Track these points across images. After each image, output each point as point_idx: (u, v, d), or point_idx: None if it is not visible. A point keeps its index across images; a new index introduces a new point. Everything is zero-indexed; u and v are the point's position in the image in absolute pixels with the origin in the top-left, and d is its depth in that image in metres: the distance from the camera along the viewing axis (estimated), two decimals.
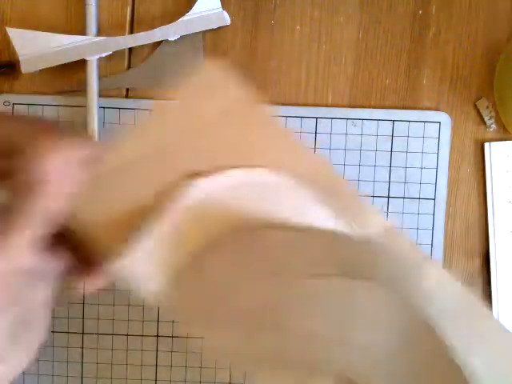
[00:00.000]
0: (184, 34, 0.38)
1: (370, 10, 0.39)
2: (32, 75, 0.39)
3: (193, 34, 0.38)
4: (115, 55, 0.39)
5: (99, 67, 0.38)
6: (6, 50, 0.39)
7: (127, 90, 0.39)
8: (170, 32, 0.38)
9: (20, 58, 0.37)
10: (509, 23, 0.39)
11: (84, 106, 0.38)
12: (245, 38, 0.39)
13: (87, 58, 0.38)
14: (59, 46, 0.37)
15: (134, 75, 0.39)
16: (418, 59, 0.39)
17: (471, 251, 0.40)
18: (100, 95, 0.38)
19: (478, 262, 0.40)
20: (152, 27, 0.38)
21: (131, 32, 0.39)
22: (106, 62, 0.39)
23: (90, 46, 0.37)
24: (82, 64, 0.38)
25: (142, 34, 0.38)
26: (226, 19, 0.38)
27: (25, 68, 0.37)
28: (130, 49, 0.39)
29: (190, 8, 0.37)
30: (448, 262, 0.39)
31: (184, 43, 0.39)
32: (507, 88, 0.38)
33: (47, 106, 0.39)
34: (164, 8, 0.39)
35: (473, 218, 0.40)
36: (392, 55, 0.39)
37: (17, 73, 0.39)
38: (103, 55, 0.38)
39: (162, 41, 0.38)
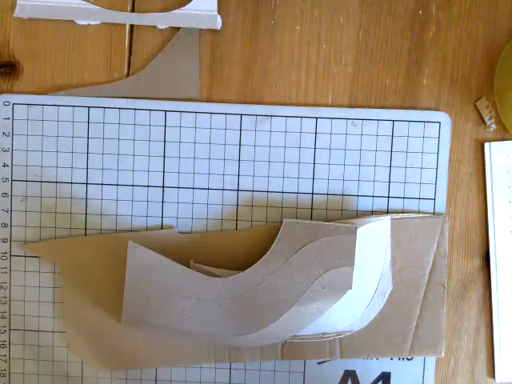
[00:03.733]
0: (174, 25, 0.38)
1: (370, 10, 0.39)
2: (32, 75, 0.39)
3: (191, 40, 0.38)
4: (115, 60, 0.39)
5: (99, 74, 0.39)
6: (6, 49, 0.39)
7: None
8: (160, 19, 0.38)
9: (18, 1, 0.38)
10: (509, 23, 0.39)
11: (84, 106, 0.39)
12: (245, 38, 0.39)
13: (78, 22, 0.38)
14: (58, 2, 0.38)
15: (133, 83, 0.39)
16: (417, 59, 0.39)
17: (471, 251, 0.40)
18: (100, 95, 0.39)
19: (478, 262, 0.40)
20: None
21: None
22: (106, 68, 0.39)
23: (85, 11, 0.38)
24: (82, 64, 0.38)
25: (133, 14, 0.38)
26: (218, 23, 0.38)
27: (19, 13, 0.38)
28: (130, 56, 0.39)
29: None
30: (448, 262, 0.39)
31: (181, 52, 0.39)
32: (507, 88, 0.38)
33: (47, 106, 0.39)
34: (164, 3, 0.39)
35: (473, 217, 0.40)
36: (392, 55, 0.39)
37: (17, 73, 0.39)
38: (92, 23, 0.39)
39: (160, 51, 0.39)
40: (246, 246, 0.39)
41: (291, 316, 0.36)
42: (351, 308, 0.38)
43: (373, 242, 0.38)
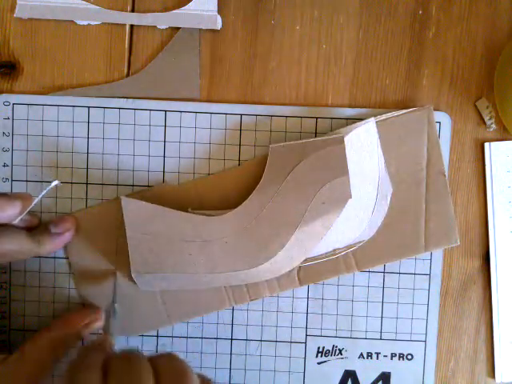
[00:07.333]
0: (174, 25, 0.38)
1: (370, 10, 0.39)
2: (32, 75, 0.39)
3: (191, 40, 0.38)
4: (115, 60, 0.39)
5: (99, 74, 0.39)
6: (6, 49, 0.39)
7: None
8: (160, 19, 0.38)
9: (18, 2, 0.38)
10: (509, 23, 0.39)
11: (84, 106, 0.39)
12: (245, 38, 0.39)
13: (78, 22, 0.38)
14: (58, 2, 0.38)
15: (133, 83, 0.39)
16: (417, 59, 0.39)
17: (471, 251, 0.40)
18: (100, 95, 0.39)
19: (478, 262, 0.40)
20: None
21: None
22: (106, 68, 0.39)
23: (85, 11, 0.38)
24: (82, 64, 0.38)
25: (133, 14, 0.38)
26: (218, 23, 0.38)
27: (19, 13, 0.38)
28: (130, 56, 0.39)
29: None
30: (448, 262, 0.40)
31: (181, 52, 0.39)
32: (507, 88, 0.38)
33: (47, 106, 0.39)
34: (164, 3, 0.39)
35: (473, 218, 0.40)
36: (392, 55, 0.39)
37: (17, 73, 0.39)
38: (92, 23, 0.39)
39: (160, 51, 0.39)
40: (238, 184, 0.38)
41: (298, 238, 0.36)
42: (357, 218, 0.38)
43: (363, 148, 0.37)
